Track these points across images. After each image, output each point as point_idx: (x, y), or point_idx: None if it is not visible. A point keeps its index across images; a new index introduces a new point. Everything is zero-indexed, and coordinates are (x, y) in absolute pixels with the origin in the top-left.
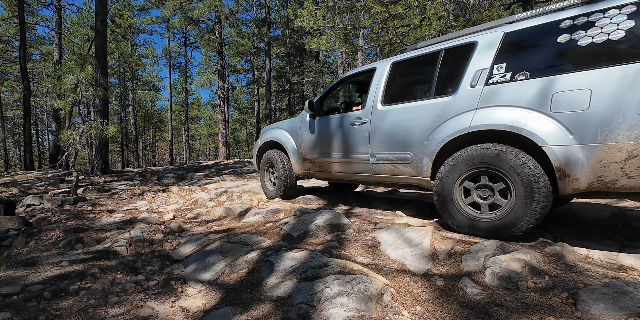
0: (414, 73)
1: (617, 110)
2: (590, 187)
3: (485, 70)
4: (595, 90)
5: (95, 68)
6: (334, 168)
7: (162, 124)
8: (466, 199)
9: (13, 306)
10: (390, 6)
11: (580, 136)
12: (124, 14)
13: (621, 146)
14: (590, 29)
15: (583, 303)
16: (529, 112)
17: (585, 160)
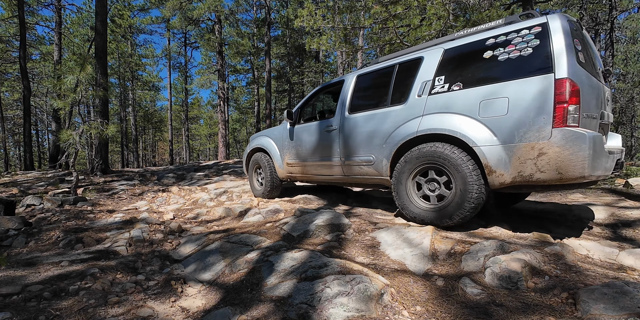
0: (375, 84)
1: (527, 115)
2: (514, 181)
3: (429, 81)
4: (512, 99)
5: (95, 68)
6: (311, 171)
7: (162, 124)
8: (418, 192)
9: (13, 306)
10: (390, 6)
11: (502, 137)
12: (124, 14)
13: (533, 145)
14: (507, 46)
15: (583, 303)
16: (462, 118)
17: (507, 158)
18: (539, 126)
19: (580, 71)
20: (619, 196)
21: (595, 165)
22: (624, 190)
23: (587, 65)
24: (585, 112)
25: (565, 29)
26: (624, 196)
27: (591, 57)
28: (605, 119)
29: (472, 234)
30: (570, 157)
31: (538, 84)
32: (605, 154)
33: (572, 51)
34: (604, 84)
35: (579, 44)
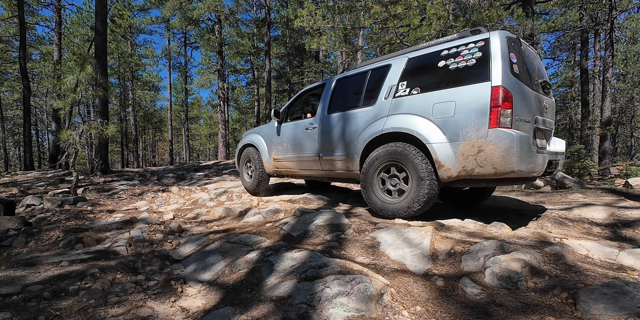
0: (351, 88)
1: (470, 116)
2: (459, 175)
3: (394, 86)
4: (458, 102)
5: (95, 68)
6: (295, 166)
7: (162, 124)
8: (382, 187)
9: (13, 306)
10: (390, 6)
11: (450, 136)
12: (123, 14)
13: (474, 143)
14: (457, 57)
15: (583, 303)
16: (419, 118)
17: (453, 154)
18: (478, 127)
19: (513, 81)
20: (619, 196)
21: (522, 162)
22: (624, 190)
23: (522, 77)
24: (518, 116)
25: (502, 44)
26: (623, 196)
27: (529, 70)
28: (541, 124)
29: (472, 234)
30: (502, 153)
31: (478, 90)
32: (533, 153)
33: (507, 63)
34: (542, 94)
35: (515, 57)
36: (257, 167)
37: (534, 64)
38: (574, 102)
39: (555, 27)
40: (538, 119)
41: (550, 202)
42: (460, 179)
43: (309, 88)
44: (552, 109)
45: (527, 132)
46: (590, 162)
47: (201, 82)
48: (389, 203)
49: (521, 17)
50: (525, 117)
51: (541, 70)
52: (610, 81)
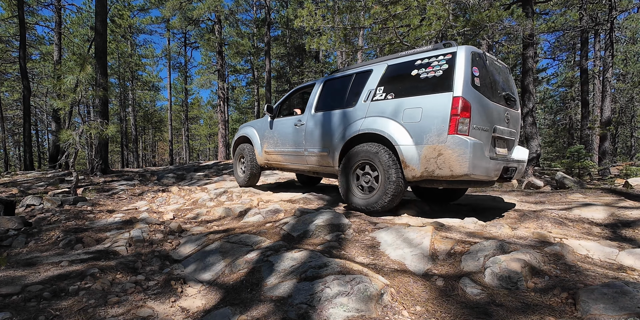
0: (337, 89)
1: (433, 122)
2: (422, 175)
3: (373, 90)
4: (424, 109)
5: (95, 68)
6: (283, 159)
7: (162, 124)
8: (357, 182)
9: (13, 306)
10: (390, 6)
11: (416, 139)
12: (123, 14)
13: (435, 147)
14: (428, 67)
15: (583, 303)
16: (391, 121)
17: (418, 156)
18: (440, 132)
19: (473, 92)
20: (619, 196)
21: (475, 167)
22: (624, 190)
23: (483, 89)
24: (476, 125)
25: (467, 58)
26: (623, 196)
27: (492, 83)
28: (501, 133)
29: (472, 234)
30: (457, 158)
31: (442, 99)
32: (486, 159)
33: (468, 76)
34: (505, 106)
35: (478, 71)
36: (249, 160)
37: (499, 78)
38: (573, 102)
39: (555, 27)
40: (497, 129)
41: (550, 202)
42: (423, 179)
43: (301, 86)
44: (515, 120)
45: (483, 139)
46: (590, 162)
47: (201, 82)
48: (361, 198)
49: (521, 17)
50: (483, 126)
51: (507, 84)
52: (610, 81)
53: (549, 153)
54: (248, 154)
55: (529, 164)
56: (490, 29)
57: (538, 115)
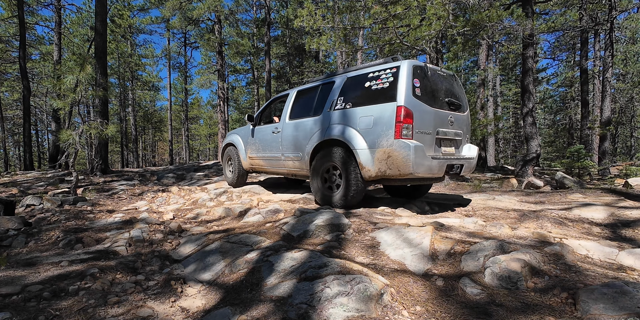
0: (307, 98)
1: (382, 128)
2: (377, 175)
3: (334, 100)
4: (375, 117)
5: (95, 68)
6: (264, 163)
7: (162, 124)
8: (324, 182)
9: (13, 306)
10: (390, 6)
11: (369, 144)
12: (123, 14)
13: (385, 150)
14: (377, 79)
15: (583, 303)
16: (349, 128)
17: (371, 158)
18: (388, 137)
19: (414, 101)
20: (619, 196)
21: (417, 166)
22: (624, 190)
23: (424, 98)
24: (418, 129)
25: (408, 71)
26: (623, 196)
27: (433, 91)
28: (445, 135)
29: (472, 234)
30: (402, 159)
31: (388, 108)
32: (427, 159)
33: (410, 87)
34: (448, 110)
35: (418, 82)
36: (236, 164)
37: (441, 86)
38: (573, 102)
39: (555, 27)
40: (440, 131)
41: (550, 202)
42: (377, 178)
43: (277, 96)
44: (461, 122)
45: (426, 142)
46: (590, 162)
47: (201, 82)
48: (328, 195)
49: (521, 17)
50: (426, 130)
51: (452, 91)
52: (610, 81)
53: (549, 153)
54: (235, 158)
55: (529, 164)
56: (490, 29)
57: (538, 115)
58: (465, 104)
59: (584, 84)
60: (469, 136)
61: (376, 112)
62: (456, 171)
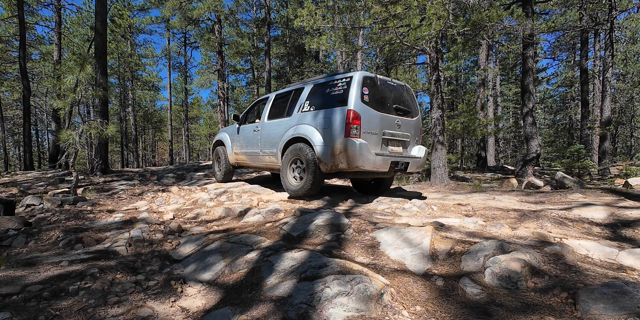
0: (282, 101)
1: (336, 128)
2: (332, 168)
3: (302, 103)
4: (331, 118)
5: (95, 68)
6: (247, 159)
7: (162, 124)
8: (292, 174)
9: (13, 306)
10: (390, 6)
11: (326, 141)
12: (123, 14)
13: (338, 146)
14: (335, 87)
15: (583, 303)
16: (311, 127)
17: (328, 154)
18: (340, 135)
19: (362, 106)
20: (619, 196)
21: (362, 161)
22: (624, 190)
23: (372, 103)
24: (365, 130)
25: (359, 81)
26: (623, 196)
27: (381, 98)
28: (391, 136)
29: (472, 234)
30: (351, 154)
31: (341, 111)
32: (371, 155)
33: (359, 94)
34: (395, 115)
35: (367, 90)
36: (223, 160)
37: (390, 95)
38: (573, 102)
39: (555, 27)
40: (387, 132)
41: (550, 202)
42: (333, 171)
43: (259, 99)
44: (408, 125)
45: (372, 140)
46: (590, 162)
47: (201, 82)
48: (294, 185)
49: (521, 17)
50: (372, 130)
51: (400, 98)
52: (610, 81)
53: (549, 153)
54: (222, 155)
55: (529, 164)
56: (490, 29)
57: (538, 115)
58: (415, 110)
59: (584, 83)
60: (418, 138)
61: (332, 114)
62: (401, 168)
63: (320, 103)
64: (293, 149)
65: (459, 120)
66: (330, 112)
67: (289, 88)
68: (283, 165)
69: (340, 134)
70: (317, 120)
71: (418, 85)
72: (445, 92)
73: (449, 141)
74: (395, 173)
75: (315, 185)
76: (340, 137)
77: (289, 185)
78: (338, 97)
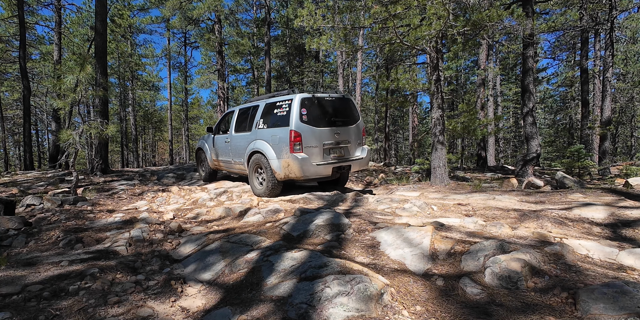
0: (244, 117)
1: (283, 145)
2: (284, 177)
3: (258, 120)
4: (279, 136)
5: (95, 68)
6: (224, 165)
7: (162, 124)
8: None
9: (13, 306)
10: (390, 6)
11: (277, 155)
12: (123, 14)
13: (286, 160)
14: (280, 108)
15: (583, 303)
16: (266, 143)
17: (279, 166)
18: (286, 151)
19: (302, 125)
20: (619, 196)
21: (306, 171)
22: (624, 190)
23: (310, 121)
24: (306, 145)
25: (298, 103)
26: (623, 196)
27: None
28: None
29: (472, 234)
30: (295, 166)
31: (286, 130)
32: (313, 166)
33: (298, 115)
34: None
35: (305, 110)
36: (205, 164)
37: (328, 110)
38: (574, 101)
39: (555, 27)
40: (326, 143)
41: (550, 202)
42: (286, 179)
43: (227, 112)
44: (347, 133)
45: (313, 153)
46: (590, 162)
47: (201, 82)
48: (258, 188)
49: (521, 17)
50: (313, 144)
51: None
52: (610, 81)
53: (549, 153)
54: (204, 160)
55: (529, 164)
56: (491, 29)
57: (538, 115)
58: (355, 117)
59: (584, 83)
60: (360, 141)
61: (280, 133)
62: (344, 170)
63: (270, 122)
64: (255, 159)
65: (459, 120)
66: (277, 131)
67: (248, 104)
68: (249, 172)
69: (286, 150)
70: (269, 137)
71: (418, 85)
72: (446, 92)
73: (449, 141)
74: (340, 174)
75: (275, 189)
76: (286, 152)
77: (255, 189)
78: (282, 118)
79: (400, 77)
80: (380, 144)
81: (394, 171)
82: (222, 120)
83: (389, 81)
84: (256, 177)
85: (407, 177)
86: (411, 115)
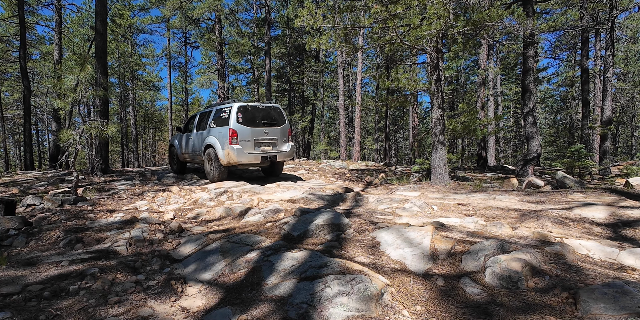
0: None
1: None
2: (227, 163)
3: (211, 121)
4: (222, 133)
5: (95, 68)
6: (188, 157)
7: (162, 124)
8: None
9: (13, 306)
10: (390, 6)
11: (221, 146)
12: (124, 14)
13: (227, 150)
14: (224, 112)
15: (583, 302)
16: (215, 138)
17: (223, 154)
18: (227, 143)
19: (237, 125)
20: (620, 196)
21: (240, 158)
22: (625, 190)
23: (244, 122)
24: (241, 139)
25: (235, 109)
26: (624, 196)
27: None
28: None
29: (473, 234)
30: (233, 155)
31: (226, 129)
32: (245, 154)
33: (235, 118)
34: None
35: (241, 115)
36: (175, 158)
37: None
38: (574, 101)
39: (555, 27)
40: (257, 139)
41: (551, 202)
42: (229, 164)
43: (192, 115)
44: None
45: (246, 145)
46: (591, 162)
47: (201, 82)
48: (211, 174)
49: (521, 17)
50: (246, 139)
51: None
52: (610, 81)
53: (550, 152)
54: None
55: (530, 164)
56: (491, 29)
57: (538, 114)
58: (282, 120)
59: (585, 83)
60: (286, 139)
61: (223, 130)
62: (271, 160)
63: (218, 122)
64: (208, 151)
65: (460, 119)
66: (222, 129)
67: (206, 109)
68: (205, 161)
69: (227, 143)
70: (217, 134)
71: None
72: (446, 92)
73: (449, 141)
74: (268, 163)
75: (222, 173)
76: (227, 144)
77: (207, 174)
78: (225, 120)
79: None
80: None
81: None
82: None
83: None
84: (209, 164)
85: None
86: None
